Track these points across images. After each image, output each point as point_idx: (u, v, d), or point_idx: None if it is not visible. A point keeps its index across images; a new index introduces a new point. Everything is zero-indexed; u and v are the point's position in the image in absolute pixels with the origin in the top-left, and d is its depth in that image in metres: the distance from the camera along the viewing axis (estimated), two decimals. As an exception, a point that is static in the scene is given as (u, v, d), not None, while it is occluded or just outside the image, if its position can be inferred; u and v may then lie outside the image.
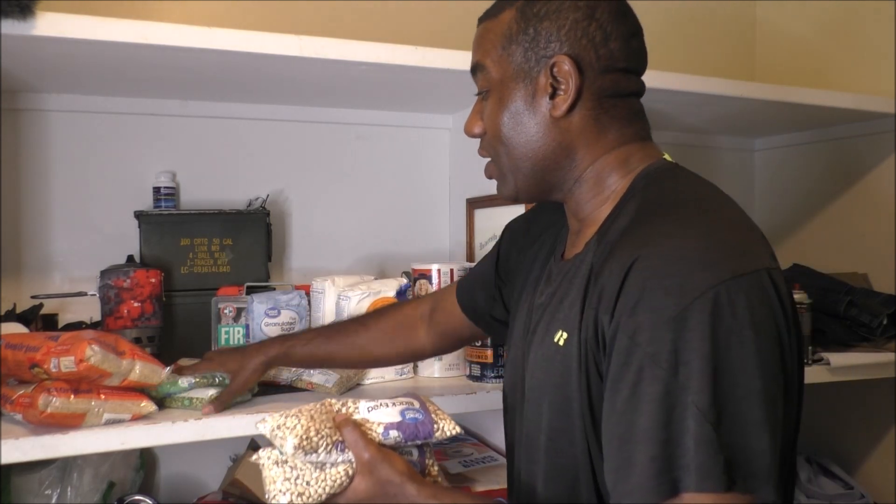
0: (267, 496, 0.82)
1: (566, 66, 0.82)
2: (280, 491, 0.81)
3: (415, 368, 1.43)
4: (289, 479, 0.81)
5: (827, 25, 2.06)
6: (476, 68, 0.90)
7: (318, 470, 0.82)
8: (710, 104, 1.70)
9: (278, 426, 0.81)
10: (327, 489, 0.82)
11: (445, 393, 1.28)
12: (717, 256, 0.71)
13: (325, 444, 0.81)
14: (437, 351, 1.26)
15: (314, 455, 0.81)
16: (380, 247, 1.84)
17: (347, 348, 1.20)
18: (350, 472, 0.83)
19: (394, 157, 1.86)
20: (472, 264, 1.48)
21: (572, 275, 0.85)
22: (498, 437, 1.59)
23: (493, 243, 1.69)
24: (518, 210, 1.52)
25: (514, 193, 0.92)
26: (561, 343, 0.82)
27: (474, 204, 1.75)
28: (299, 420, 0.82)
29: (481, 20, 0.91)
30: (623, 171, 0.86)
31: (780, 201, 2.20)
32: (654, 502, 0.68)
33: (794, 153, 2.16)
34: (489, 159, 0.93)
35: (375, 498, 0.83)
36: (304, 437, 0.80)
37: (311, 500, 0.81)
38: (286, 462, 0.82)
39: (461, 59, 1.34)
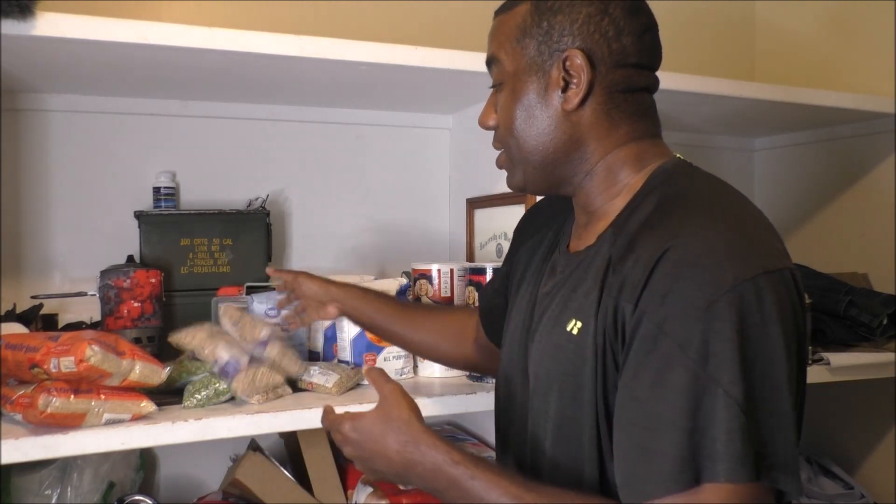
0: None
1: (578, 59, 0.83)
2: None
3: (414, 368, 1.42)
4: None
5: (827, 25, 2.06)
6: (491, 61, 0.92)
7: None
8: (710, 104, 1.70)
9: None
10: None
11: (445, 392, 1.28)
12: (748, 252, 0.72)
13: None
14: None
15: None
16: (380, 247, 1.84)
17: (413, 333, 1.22)
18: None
19: (394, 157, 1.86)
20: (473, 264, 1.48)
21: (586, 265, 0.85)
22: (498, 437, 1.58)
23: (493, 243, 1.70)
24: (519, 211, 1.52)
25: (522, 185, 0.93)
26: (574, 332, 0.82)
27: (474, 204, 1.75)
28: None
29: (497, 13, 0.92)
30: (636, 167, 0.87)
31: (779, 201, 2.20)
32: (675, 491, 0.68)
33: (794, 153, 2.16)
34: (502, 150, 0.94)
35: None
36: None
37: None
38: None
39: (461, 59, 1.34)
